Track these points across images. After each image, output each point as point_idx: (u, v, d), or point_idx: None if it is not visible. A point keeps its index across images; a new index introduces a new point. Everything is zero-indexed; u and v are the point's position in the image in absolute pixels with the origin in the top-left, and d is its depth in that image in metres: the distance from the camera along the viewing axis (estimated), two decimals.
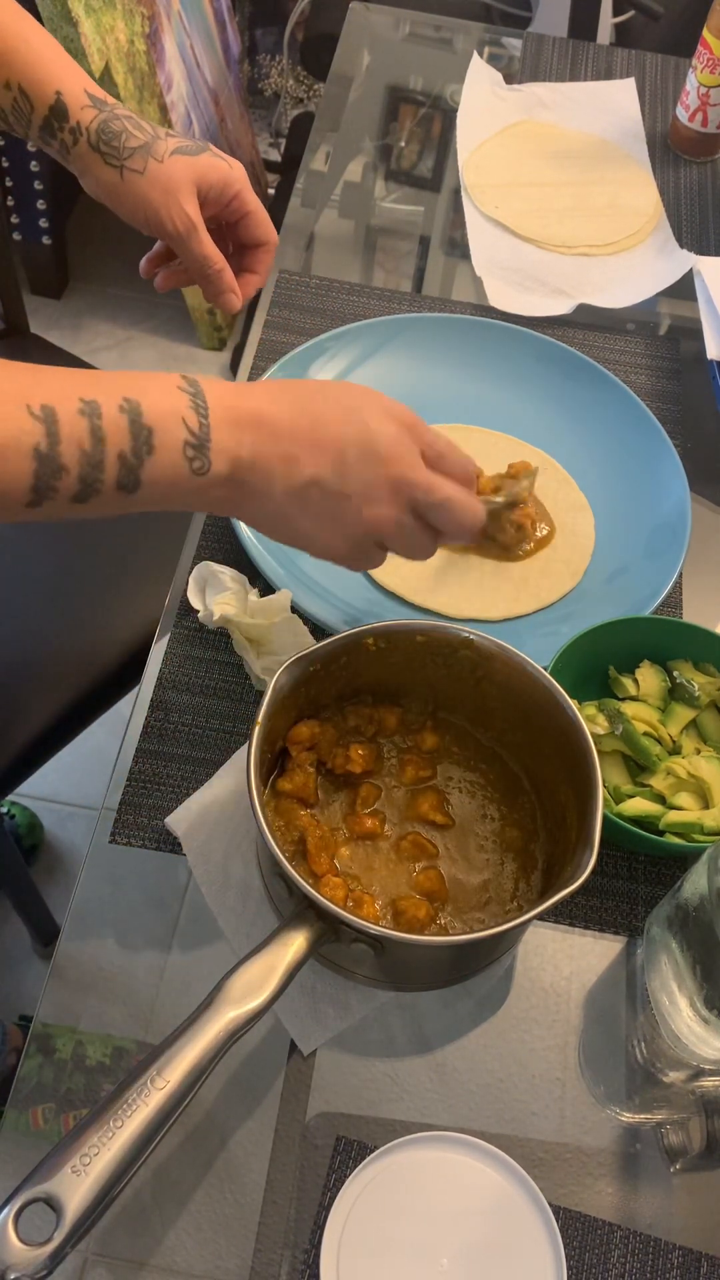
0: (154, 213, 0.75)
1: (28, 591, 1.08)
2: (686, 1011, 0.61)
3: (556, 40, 1.34)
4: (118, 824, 0.71)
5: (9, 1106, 0.61)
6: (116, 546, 1.13)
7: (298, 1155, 0.61)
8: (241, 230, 0.81)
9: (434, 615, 0.80)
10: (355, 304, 1.02)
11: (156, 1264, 0.58)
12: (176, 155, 0.75)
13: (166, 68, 1.83)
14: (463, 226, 1.11)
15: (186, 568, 0.82)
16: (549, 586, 0.83)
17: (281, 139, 2.44)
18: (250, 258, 0.83)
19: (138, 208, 0.75)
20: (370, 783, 0.69)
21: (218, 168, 0.77)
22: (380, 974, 0.64)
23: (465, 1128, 0.62)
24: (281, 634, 0.75)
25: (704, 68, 1.12)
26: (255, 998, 0.54)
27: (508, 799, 0.70)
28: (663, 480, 0.88)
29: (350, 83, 1.28)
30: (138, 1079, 0.51)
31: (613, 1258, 0.59)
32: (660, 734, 0.72)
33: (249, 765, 0.59)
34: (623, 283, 1.07)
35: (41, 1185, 0.47)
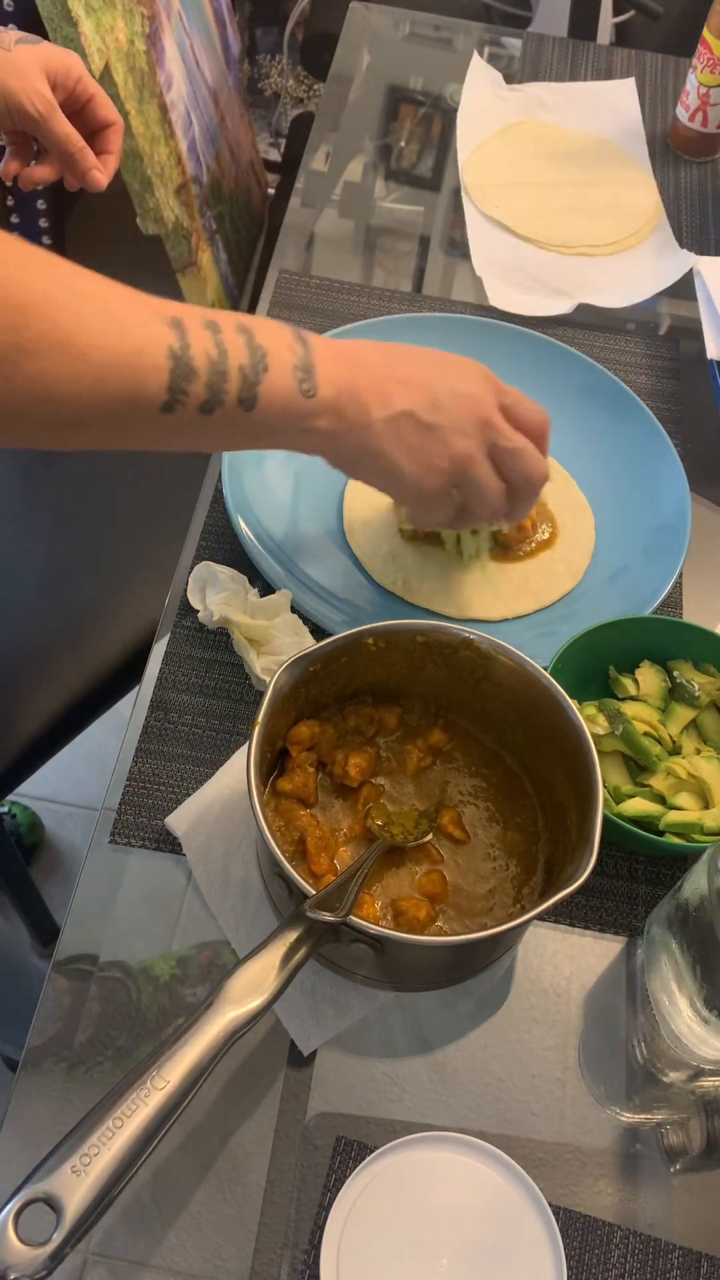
0: (13, 98, 0.80)
1: (27, 591, 1.08)
2: (686, 1011, 0.61)
3: (556, 40, 1.34)
4: (118, 824, 0.71)
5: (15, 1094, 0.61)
6: (116, 547, 1.13)
7: (298, 1155, 0.61)
8: (88, 114, 0.87)
9: (434, 615, 0.80)
10: (355, 304, 1.02)
11: (156, 1264, 0.58)
12: (21, 45, 0.81)
13: (166, 68, 1.83)
14: (463, 226, 1.11)
15: (186, 568, 0.82)
16: (549, 586, 0.83)
17: (281, 139, 2.44)
18: (102, 139, 0.89)
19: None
20: (371, 783, 0.69)
21: (59, 53, 0.83)
22: (380, 974, 0.64)
23: (465, 1128, 0.62)
24: (281, 634, 0.75)
25: (704, 68, 1.12)
26: (255, 998, 0.54)
27: (509, 801, 0.70)
28: (663, 480, 0.88)
29: (350, 83, 1.28)
30: (138, 1079, 0.50)
31: (613, 1258, 0.59)
32: (660, 734, 0.72)
33: (249, 765, 0.59)
34: (623, 283, 1.07)
35: (41, 1185, 0.47)
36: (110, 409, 0.54)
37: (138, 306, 0.55)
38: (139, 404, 0.55)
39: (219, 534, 0.84)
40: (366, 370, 0.64)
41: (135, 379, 0.54)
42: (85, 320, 0.52)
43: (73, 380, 0.52)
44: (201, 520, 0.85)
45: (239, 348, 0.58)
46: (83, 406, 0.53)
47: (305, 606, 0.78)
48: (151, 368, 0.55)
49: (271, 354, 0.59)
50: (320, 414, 0.62)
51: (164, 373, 0.55)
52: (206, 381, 0.57)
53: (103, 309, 0.53)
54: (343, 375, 0.63)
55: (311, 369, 0.61)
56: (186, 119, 1.92)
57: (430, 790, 0.70)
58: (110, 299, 0.54)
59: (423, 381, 0.66)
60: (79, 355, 0.52)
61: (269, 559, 0.81)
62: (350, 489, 0.87)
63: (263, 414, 0.60)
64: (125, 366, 0.54)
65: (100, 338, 0.53)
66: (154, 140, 1.82)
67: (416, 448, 0.66)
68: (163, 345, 0.55)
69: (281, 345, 0.60)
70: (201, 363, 0.56)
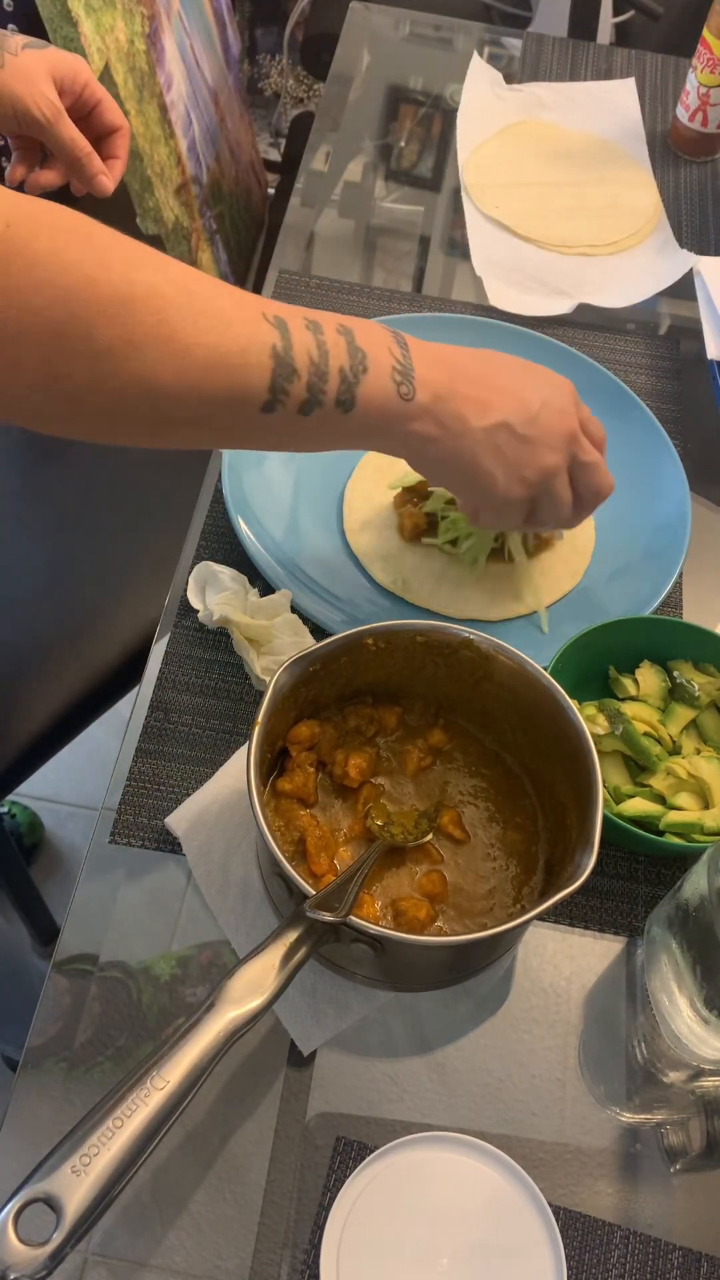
0: (20, 103, 0.80)
1: (28, 591, 1.08)
2: (686, 1012, 0.61)
3: (556, 40, 1.34)
4: (118, 824, 0.71)
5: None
6: (116, 547, 1.13)
7: (298, 1155, 0.61)
8: (95, 119, 0.88)
9: (434, 615, 0.80)
10: (355, 304, 1.02)
11: (156, 1264, 0.58)
12: (27, 50, 0.81)
13: (166, 68, 1.83)
14: (463, 226, 1.11)
15: (186, 568, 0.82)
16: (549, 586, 0.83)
17: (281, 139, 2.44)
18: (109, 144, 0.89)
19: (4, 102, 0.80)
20: (371, 783, 0.69)
21: (66, 58, 0.83)
22: (380, 974, 0.64)
23: (465, 1128, 0.62)
24: (281, 634, 0.75)
25: (704, 68, 1.12)
26: (255, 998, 0.54)
27: (509, 801, 0.70)
28: (663, 480, 0.88)
29: (350, 83, 1.28)
30: (138, 1079, 0.50)
31: (613, 1258, 0.59)
32: (660, 734, 0.72)
33: (249, 765, 0.59)
34: (623, 283, 1.07)
35: (41, 1185, 0.47)
36: (212, 407, 0.54)
37: (243, 305, 0.55)
38: (241, 402, 0.55)
39: (219, 534, 0.84)
40: (464, 376, 0.64)
41: (239, 377, 0.54)
42: (191, 317, 0.52)
43: (177, 376, 0.52)
44: (201, 520, 0.85)
45: (340, 348, 0.58)
46: (185, 403, 0.53)
47: (305, 606, 0.78)
48: (255, 366, 0.55)
49: (371, 356, 0.59)
50: (416, 418, 0.62)
51: (266, 371, 0.55)
52: (307, 382, 0.57)
53: (208, 306, 0.53)
54: (440, 381, 0.62)
55: (410, 373, 0.61)
56: (186, 119, 1.92)
57: (430, 790, 0.70)
58: (216, 296, 0.54)
59: (518, 392, 0.66)
60: (184, 351, 0.52)
61: (269, 559, 0.81)
62: (350, 489, 0.87)
63: (360, 416, 0.60)
64: (229, 364, 0.54)
65: (206, 335, 0.53)
66: (154, 140, 1.82)
67: (510, 458, 0.66)
68: (266, 344, 0.55)
69: (381, 348, 0.60)
70: (303, 362, 0.56)
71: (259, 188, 2.33)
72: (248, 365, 0.54)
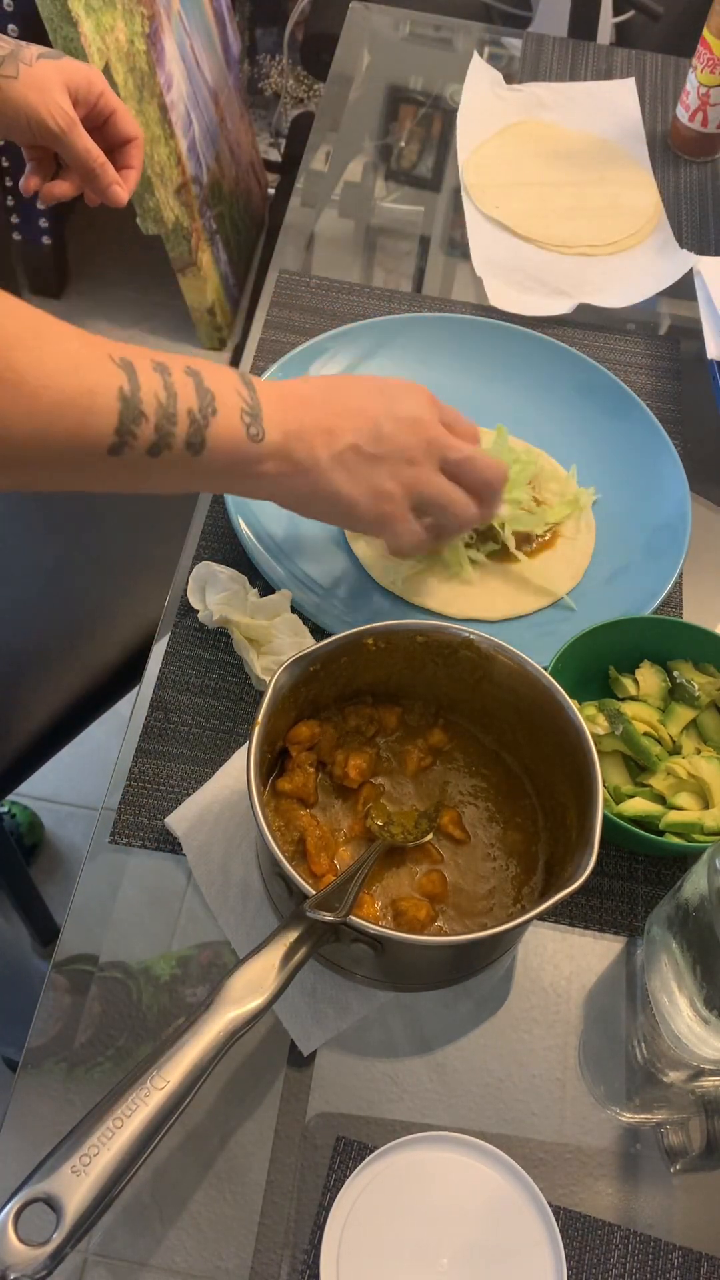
0: (34, 113, 0.80)
1: (27, 591, 1.08)
2: (686, 1011, 0.61)
3: (556, 40, 1.34)
4: (118, 824, 0.71)
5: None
6: (116, 547, 1.13)
7: (298, 1155, 0.61)
8: (110, 129, 0.87)
9: (434, 615, 0.80)
10: (355, 304, 1.02)
11: (156, 1264, 0.58)
12: (42, 59, 0.81)
13: (166, 68, 1.83)
14: (463, 226, 1.11)
15: (186, 568, 0.82)
16: (549, 586, 0.83)
17: (281, 139, 2.44)
18: (124, 154, 0.89)
19: (19, 112, 0.80)
20: (371, 783, 0.69)
21: (80, 68, 0.82)
22: (380, 974, 0.64)
23: (465, 1128, 0.62)
24: (281, 634, 0.75)
25: (704, 68, 1.12)
26: (255, 998, 0.54)
27: (509, 801, 0.70)
28: (663, 480, 0.88)
29: (350, 83, 1.28)
30: (138, 1079, 0.50)
31: (613, 1258, 0.59)
32: (660, 734, 0.72)
33: (249, 765, 0.59)
34: (623, 283, 1.07)
35: (41, 1185, 0.47)
36: (59, 449, 0.54)
37: (89, 348, 0.55)
38: (87, 445, 0.55)
39: (219, 534, 0.84)
40: (310, 408, 0.64)
41: (85, 420, 0.54)
42: (41, 360, 0.52)
43: (25, 419, 0.52)
44: (201, 520, 0.85)
45: (188, 390, 0.58)
46: (32, 446, 0.53)
47: (305, 606, 0.78)
48: (102, 409, 0.55)
49: (220, 398, 0.59)
50: (267, 458, 0.62)
51: (113, 414, 0.55)
52: (155, 424, 0.57)
53: (56, 349, 0.53)
54: (290, 418, 0.63)
55: (259, 413, 0.61)
56: (186, 119, 1.92)
57: (430, 790, 0.70)
58: (63, 338, 0.54)
59: (364, 411, 0.66)
60: (31, 394, 0.52)
61: (269, 559, 0.81)
62: None
63: (210, 458, 0.60)
64: (76, 407, 0.54)
65: (53, 378, 0.53)
66: (154, 140, 1.82)
67: (365, 478, 0.66)
68: (113, 386, 0.55)
69: (229, 389, 0.60)
70: (150, 405, 0.56)
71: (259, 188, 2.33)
72: (94, 409, 0.54)
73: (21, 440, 0.52)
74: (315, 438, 0.64)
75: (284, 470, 0.64)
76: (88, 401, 0.54)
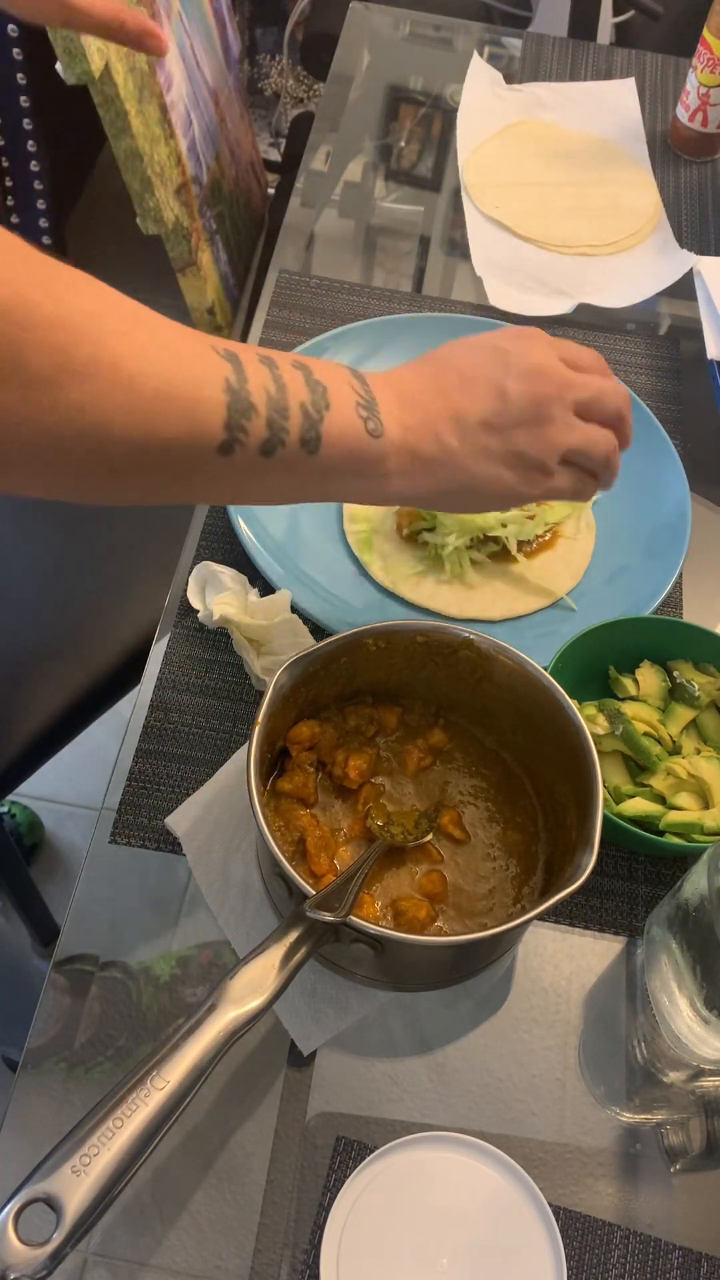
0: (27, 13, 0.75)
1: (27, 591, 1.08)
2: (686, 1011, 0.61)
3: (556, 40, 1.34)
4: (118, 824, 0.71)
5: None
6: (117, 547, 1.13)
7: (298, 1155, 0.61)
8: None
9: (434, 615, 0.80)
10: (355, 304, 1.02)
11: (156, 1264, 0.58)
12: None
13: (166, 68, 1.83)
14: (463, 226, 1.11)
15: (186, 568, 0.82)
16: (549, 586, 0.83)
17: (281, 139, 2.44)
18: None
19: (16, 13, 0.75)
20: (371, 783, 0.69)
21: None
22: (380, 974, 0.64)
23: (465, 1128, 0.62)
24: (281, 634, 0.75)
25: (704, 68, 1.12)
26: (255, 998, 0.54)
27: (509, 801, 0.70)
28: (663, 480, 0.88)
29: (350, 83, 1.28)
30: (138, 1079, 0.50)
31: (613, 1258, 0.59)
32: (660, 734, 0.72)
33: (249, 765, 0.59)
34: (623, 283, 1.07)
35: (41, 1185, 0.47)
36: (163, 449, 0.49)
37: (191, 338, 0.51)
38: (195, 443, 0.50)
39: (219, 534, 0.84)
40: (427, 396, 0.59)
41: (190, 413, 0.49)
42: (138, 345, 0.47)
43: (123, 412, 0.47)
44: (201, 520, 0.85)
45: (298, 383, 0.53)
46: (133, 443, 0.48)
47: (305, 606, 0.78)
48: (208, 400, 0.50)
49: (332, 390, 0.55)
50: (390, 455, 0.57)
51: (221, 407, 0.50)
52: (266, 419, 0.52)
53: (153, 336, 0.49)
54: (408, 411, 0.58)
55: (375, 407, 0.56)
56: (186, 119, 1.92)
57: (430, 790, 0.70)
58: (162, 327, 0.50)
59: (483, 378, 0.60)
60: (129, 383, 0.47)
61: (269, 559, 0.81)
62: None
63: (327, 456, 0.55)
64: (181, 398, 0.49)
65: (153, 364, 0.48)
66: (154, 140, 1.82)
67: (504, 453, 0.60)
68: (219, 377, 0.50)
69: (341, 382, 0.56)
70: (260, 398, 0.52)
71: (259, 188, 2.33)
72: (200, 400, 0.49)
73: (122, 437, 0.47)
74: (441, 425, 0.58)
75: (412, 467, 0.58)
76: (193, 392, 0.49)
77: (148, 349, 0.48)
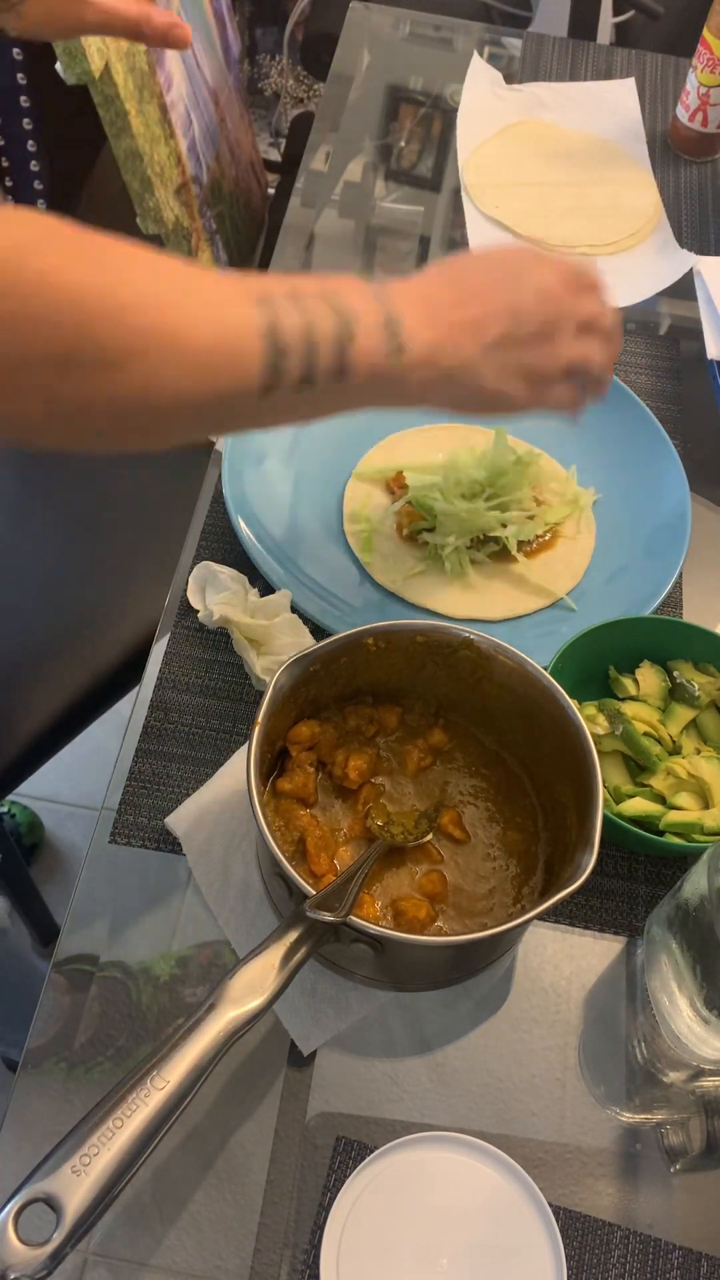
0: (56, 33, 0.79)
1: (28, 591, 1.08)
2: (686, 1011, 0.61)
3: (556, 40, 1.34)
4: (118, 824, 0.71)
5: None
6: (117, 547, 1.13)
7: (298, 1155, 0.61)
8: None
9: (434, 615, 0.80)
10: None
11: (156, 1264, 0.58)
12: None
13: (166, 68, 1.83)
14: (463, 226, 1.11)
15: (186, 568, 0.82)
16: (549, 586, 0.83)
17: (281, 139, 2.43)
18: None
19: (47, 33, 0.78)
20: (371, 783, 0.69)
21: None
22: (380, 974, 0.64)
23: (465, 1128, 0.62)
24: (281, 634, 0.75)
25: (704, 68, 1.12)
26: (255, 998, 0.54)
27: (509, 801, 0.70)
28: (663, 480, 0.88)
29: (350, 83, 1.28)
30: (138, 1079, 0.50)
31: (613, 1258, 0.59)
32: (660, 734, 0.72)
33: (249, 765, 0.59)
34: (623, 283, 1.07)
35: (41, 1185, 0.47)
36: (212, 401, 0.53)
37: (226, 288, 0.54)
38: (240, 392, 0.54)
39: (219, 534, 0.84)
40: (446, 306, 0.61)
41: (235, 368, 0.53)
42: (189, 314, 0.51)
43: (178, 378, 0.51)
44: (201, 520, 0.85)
45: (326, 317, 0.56)
46: (185, 402, 0.52)
47: (305, 606, 0.78)
48: (249, 353, 0.53)
49: (358, 319, 0.57)
50: (415, 368, 0.60)
51: (260, 355, 0.54)
52: (301, 358, 0.55)
53: (200, 299, 0.52)
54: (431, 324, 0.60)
55: (399, 325, 0.59)
56: (186, 119, 1.92)
57: (430, 790, 0.70)
58: (204, 287, 0.53)
59: (498, 294, 0.63)
60: (185, 350, 0.51)
61: (269, 559, 0.81)
62: (350, 489, 0.87)
63: (355, 381, 0.58)
64: (227, 353, 0.52)
65: (202, 329, 0.51)
66: (154, 140, 1.82)
67: (516, 366, 0.63)
68: (255, 327, 0.54)
69: (365, 305, 0.58)
70: (293, 339, 0.55)
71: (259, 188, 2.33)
72: (243, 354, 0.53)
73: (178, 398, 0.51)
74: (461, 336, 0.61)
75: (434, 378, 0.61)
76: (236, 347, 0.53)
77: (198, 315, 0.51)
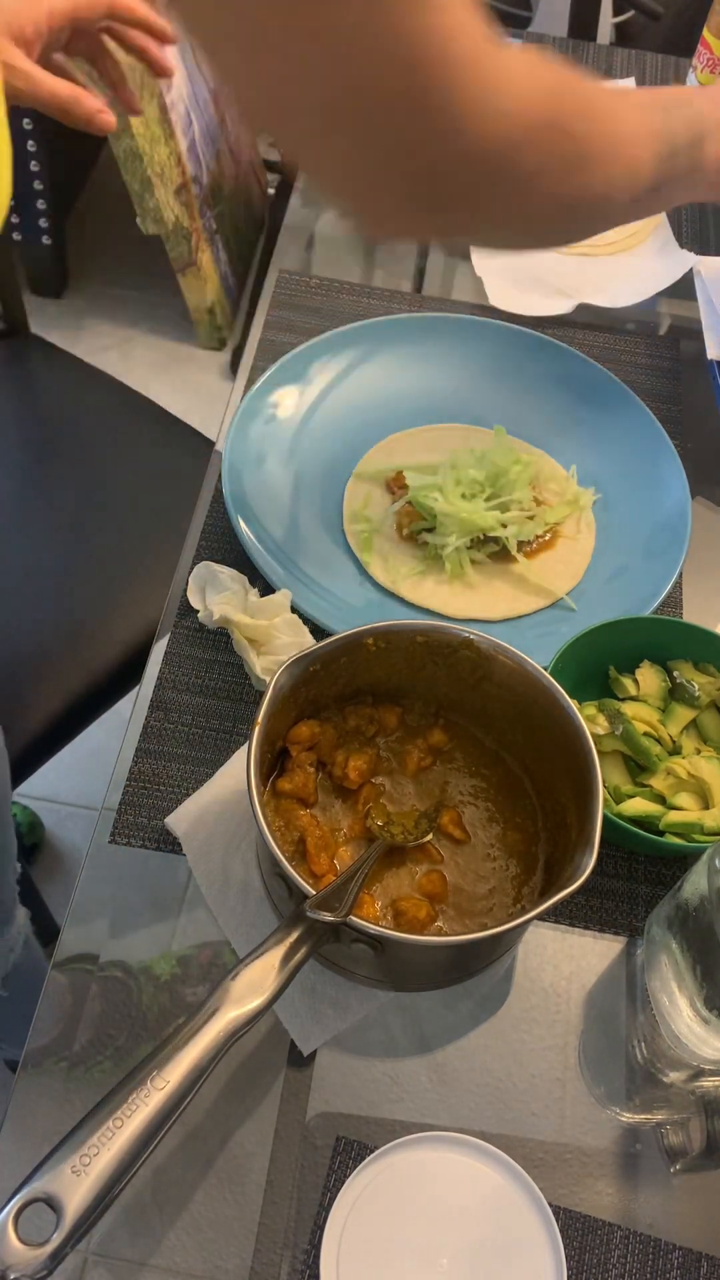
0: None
1: (27, 591, 1.08)
2: (686, 1011, 0.61)
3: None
4: (118, 824, 0.71)
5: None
6: (116, 547, 1.13)
7: (298, 1155, 0.61)
8: (120, 31, 0.83)
9: (434, 615, 0.80)
10: (355, 304, 1.02)
11: (156, 1264, 0.58)
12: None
13: None
14: None
15: (186, 568, 0.82)
16: (549, 586, 0.83)
17: None
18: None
19: None
20: (371, 783, 0.69)
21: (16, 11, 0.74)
22: (380, 974, 0.64)
23: (465, 1128, 0.62)
24: (281, 634, 0.75)
25: (704, 68, 1.12)
26: (255, 998, 0.54)
27: (509, 801, 0.70)
28: (663, 480, 0.88)
29: None
30: (138, 1079, 0.50)
31: (613, 1258, 0.59)
32: (660, 734, 0.72)
33: (249, 765, 0.59)
34: (623, 283, 1.07)
35: (41, 1185, 0.47)
36: (628, 198, 0.60)
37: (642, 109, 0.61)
38: (633, 191, 0.60)
39: (219, 534, 0.84)
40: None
41: (636, 172, 0.59)
42: (627, 128, 0.58)
43: (607, 184, 0.57)
44: (201, 520, 0.85)
45: (692, 127, 0.64)
46: (615, 200, 0.59)
47: (305, 606, 0.78)
48: (649, 160, 0.61)
49: (709, 129, 0.66)
50: None
51: (655, 161, 0.61)
52: (679, 163, 0.63)
53: (631, 115, 0.59)
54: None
55: None
56: (186, 119, 1.92)
57: (430, 790, 0.70)
58: (632, 104, 0.60)
59: None
60: (623, 160, 0.58)
61: (269, 559, 0.81)
62: (350, 489, 0.87)
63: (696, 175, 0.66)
64: (635, 160, 0.59)
65: (631, 144, 0.58)
66: (154, 140, 1.82)
67: None
68: (660, 140, 0.61)
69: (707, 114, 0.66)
70: (677, 147, 0.63)
71: (259, 188, 2.33)
72: (645, 160, 0.60)
73: (611, 196, 0.58)
74: None
75: None
76: (642, 154, 0.60)
77: (634, 130, 0.59)
